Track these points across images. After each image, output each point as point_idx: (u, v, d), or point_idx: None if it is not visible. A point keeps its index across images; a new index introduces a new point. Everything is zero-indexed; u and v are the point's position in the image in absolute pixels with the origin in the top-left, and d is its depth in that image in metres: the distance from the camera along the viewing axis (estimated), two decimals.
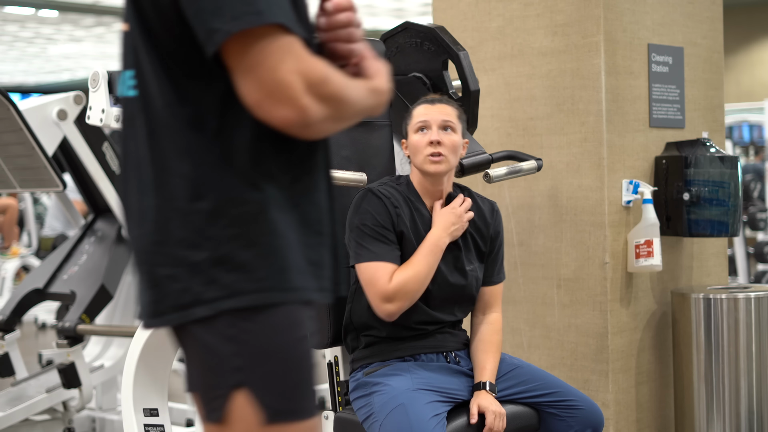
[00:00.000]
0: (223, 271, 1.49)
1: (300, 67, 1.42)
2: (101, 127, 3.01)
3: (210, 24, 1.42)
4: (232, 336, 1.50)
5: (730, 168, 3.32)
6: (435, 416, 2.41)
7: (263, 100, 1.43)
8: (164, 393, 2.82)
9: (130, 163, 1.56)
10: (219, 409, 1.51)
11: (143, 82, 1.53)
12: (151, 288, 1.52)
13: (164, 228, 1.50)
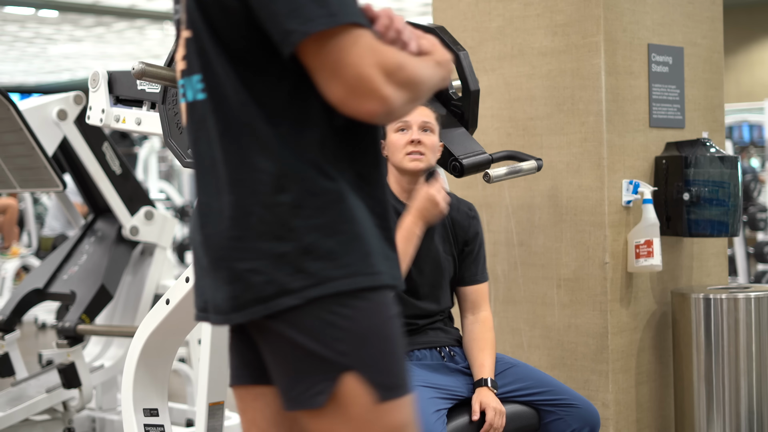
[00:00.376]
0: (310, 260, 1.54)
1: (377, 59, 1.48)
2: (101, 127, 3.01)
3: (286, 26, 1.48)
4: (332, 322, 1.55)
5: (730, 168, 3.32)
6: (436, 412, 2.41)
7: (348, 97, 1.49)
8: (164, 393, 2.82)
9: (204, 165, 1.62)
10: (324, 393, 1.55)
11: (214, 85, 1.59)
12: (231, 283, 1.56)
13: (244, 223, 1.55)
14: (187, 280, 2.59)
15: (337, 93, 1.50)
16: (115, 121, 2.92)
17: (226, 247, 1.57)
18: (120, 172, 4.31)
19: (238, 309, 1.56)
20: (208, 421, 3.07)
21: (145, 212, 4.34)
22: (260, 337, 1.61)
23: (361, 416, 1.57)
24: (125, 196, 4.31)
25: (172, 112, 2.58)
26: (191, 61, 1.62)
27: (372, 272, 1.58)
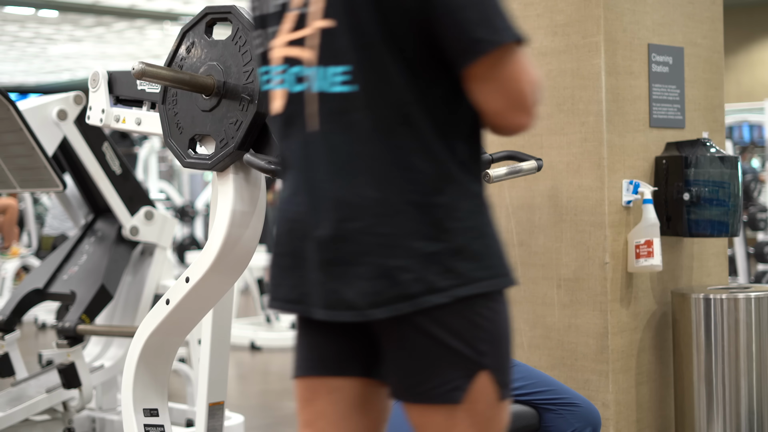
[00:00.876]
0: (459, 261, 1.59)
1: (531, 78, 1.59)
2: (101, 127, 3.01)
3: (475, 34, 1.54)
4: (476, 322, 1.62)
5: (730, 168, 3.32)
6: None
7: (507, 109, 1.59)
8: (164, 393, 2.82)
9: (337, 157, 1.62)
10: (461, 389, 1.62)
11: (371, 79, 1.60)
12: (374, 279, 1.59)
13: (393, 220, 1.59)
14: (187, 280, 2.59)
15: (497, 105, 1.59)
16: (115, 121, 2.91)
17: (371, 243, 1.59)
18: (120, 172, 4.31)
19: (380, 305, 1.59)
20: (208, 421, 3.07)
21: (145, 212, 4.34)
22: (390, 332, 1.64)
23: (485, 413, 1.65)
24: (125, 196, 4.31)
25: (172, 112, 2.57)
26: (328, 51, 1.61)
27: (507, 274, 1.66)
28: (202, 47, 2.52)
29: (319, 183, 1.64)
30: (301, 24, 1.65)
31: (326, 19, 1.61)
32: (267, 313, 7.79)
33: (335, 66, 1.61)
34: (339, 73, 1.61)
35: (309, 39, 1.64)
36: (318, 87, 1.63)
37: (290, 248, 1.71)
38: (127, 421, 2.77)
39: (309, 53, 1.64)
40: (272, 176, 2.38)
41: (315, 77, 1.63)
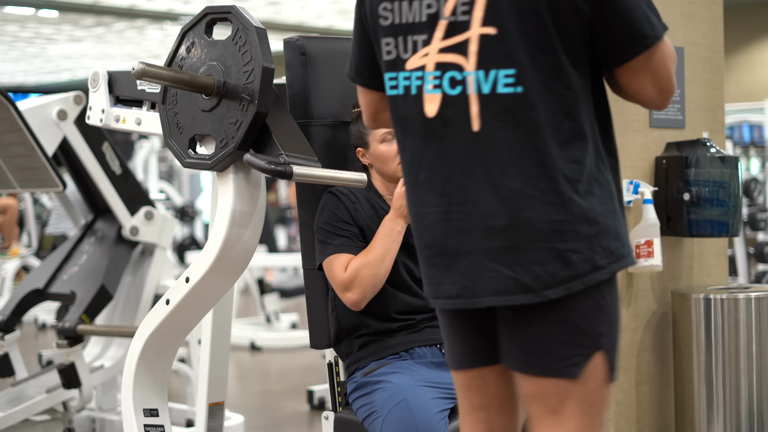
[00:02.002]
0: (611, 240, 1.78)
1: (674, 64, 1.87)
2: (101, 127, 3.01)
3: (641, 30, 1.76)
4: (600, 304, 1.79)
5: (730, 168, 3.32)
6: (439, 412, 2.41)
7: (660, 96, 1.83)
8: (164, 393, 2.82)
9: (507, 153, 1.76)
10: (579, 366, 1.78)
11: (537, 80, 1.74)
12: (547, 262, 1.74)
13: (563, 208, 1.75)
14: (187, 280, 2.59)
15: (652, 93, 1.82)
16: (115, 121, 2.91)
17: (545, 230, 1.74)
18: (120, 172, 4.31)
19: (554, 285, 1.74)
20: (208, 421, 3.08)
21: (145, 212, 4.34)
22: (518, 314, 1.79)
23: (595, 391, 1.81)
24: (125, 196, 4.31)
25: (172, 112, 2.57)
26: (490, 56, 1.75)
27: (630, 253, 1.84)
28: (202, 47, 2.52)
29: (488, 178, 1.77)
30: (454, 32, 1.78)
31: (487, 27, 1.76)
32: (267, 313, 7.79)
33: (499, 69, 1.75)
34: (504, 75, 1.75)
35: (468, 45, 1.77)
36: (480, 89, 1.77)
37: (448, 246, 1.82)
38: (127, 421, 2.77)
39: (468, 58, 1.77)
40: (272, 176, 2.38)
41: (475, 81, 1.77)
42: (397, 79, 1.86)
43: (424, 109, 1.82)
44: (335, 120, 2.77)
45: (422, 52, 1.82)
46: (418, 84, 1.83)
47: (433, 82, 1.80)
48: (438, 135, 1.81)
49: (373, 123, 2.07)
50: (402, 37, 1.85)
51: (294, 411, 5.42)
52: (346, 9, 15.38)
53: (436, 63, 1.80)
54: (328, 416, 2.71)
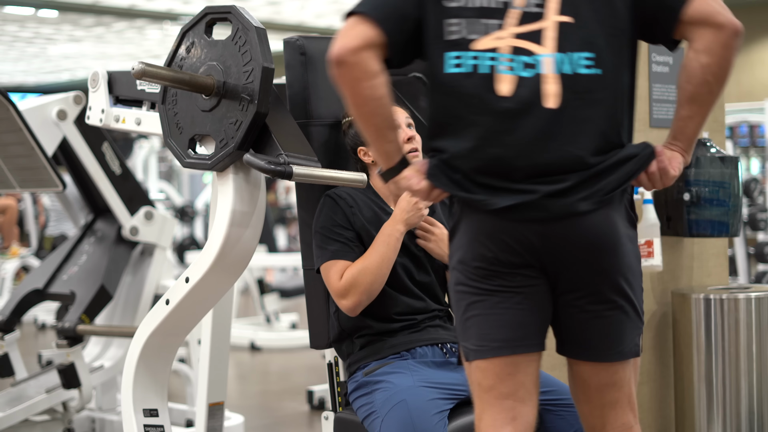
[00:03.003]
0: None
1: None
2: (101, 127, 3.01)
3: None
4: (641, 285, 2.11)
5: (730, 168, 3.32)
6: (437, 413, 2.41)
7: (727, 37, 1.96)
8: (164, 393, 2.82)
9: (586, 128, 1.95)
10: (639, 344, 2.08)
11: (611, 63, 1.97)
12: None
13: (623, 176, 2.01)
14: (187, 280, 2.59)
15: (726, 12, 1.97)
16: (115, 121, 2.91)
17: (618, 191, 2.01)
18: (120, 172, 4.31)
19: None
20: (208, 421, 3.08)
21: (145, 212, 4.34)
22: (598, 300, 2.00)
23: (637, 364, 2.12)
24: (125, 196, 4.31)
25: (172, 112, 2.57)
26: (569, 40, 1.95)
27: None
28: (202, 47, 2.52)
29: (569, 149, 1.93)
30: (527, 20, 1.97)
31: (562, 16, 1.96)
32: (267, 313, 7.79)
33: (579, 52, 1.95)
34: (583, 58, 1.95)
35: (544, 32, 1.96)
36: (560, 70, 1.95)
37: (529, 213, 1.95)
38: (126, 422, 2.77)
39: (545, 44, 1.96)
40: (272, 176, 2.38)
41: (555, 62, 1.95)
42: (461, 58, 1.96)
43: (497, 88, 1.95)
44: (335, 120, 2.77)
45: (495, 35, 1.96)
46: (491, 64, 1.95)
47: (508, 64, 1.95)
48: (511, 111, 1.94)
49: (353, 56, 1.95)
50: (471, 20, 1.97)
51: (294, 411, 5.42)
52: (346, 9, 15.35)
53: (512, 47, 1.95)
54: (328, 416, 2.71)
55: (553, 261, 1.99)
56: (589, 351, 2.07)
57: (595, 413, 2.14)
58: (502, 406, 2.04)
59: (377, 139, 2.04)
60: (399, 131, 2.12)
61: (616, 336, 2.04)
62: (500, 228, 1.97)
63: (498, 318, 2.02)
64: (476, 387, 2.07)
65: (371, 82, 1.96)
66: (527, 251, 1.98)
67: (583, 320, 2.03)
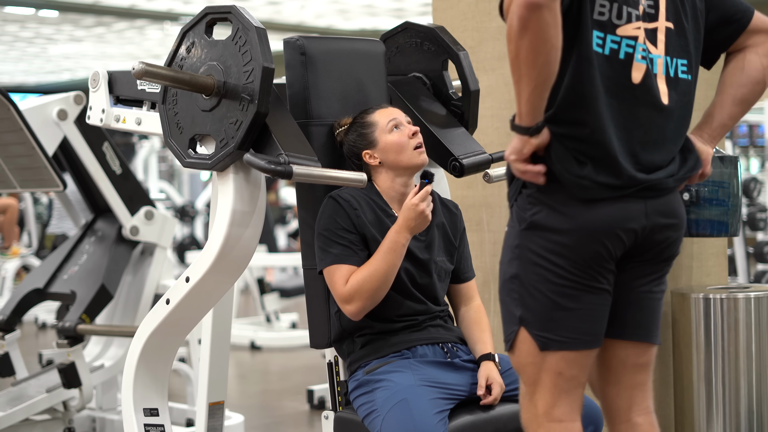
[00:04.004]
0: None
1: None
2: (101, 127, 3.01)
3: (745, 5, 2.23)
4: None
5: (729, 168, 3.32)
6: (438, 413, 2.42)
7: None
8: (164, 393, 2.82)
9: (679, 127, 2.16)
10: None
11: (695, 71, 2.19)
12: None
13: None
14: (187, 280, 2.59)
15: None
16: (115, 121, 2.92)
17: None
18: (120, 172, 4.31)
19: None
20: (208, 421, 3.08)
21: (145, 212, 4.35)
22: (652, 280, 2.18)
23: None
24: (125, 196, 4.31)
25: (172, 112, 2.58)
26: (672, 46, 2.14)
27: None
28: (202, 47, 2.52)
29: (668, 143, 2.14)
30: (647, 19, 2.10)
31: (668, 21, 2.13)
32: (267, 312, 7.80)
33: (679, 58, 2.15)
34: (681, 64, 2.16)
35: (657, 34, 2.12)
36: (668, 72, 2.13)
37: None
38: (127, 421, 2.78)
39: (657, 45, 2.12)
40: (272, 176, 2.39)
41: (664, 64, 2.12)
42: (604, 39, 2.05)
43: (632, 74, 2.07)
44: (335, 120, 2.77)
45: (636, 24, 2.07)
46: (628, 51, 2.06)
47: (642, 54, 2.08)
48: (637, 100, 2.08)
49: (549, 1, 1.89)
50: (618, 4, 2.06)
51: (294, 411, 5.42)
52: (346, 9, 15.38)
53: (644, 39, 2.09)
54: (328, 416, 2.72)
55: (643, 243, 2.10)
56: (639, 331, 2.19)
57: (624, 394, 2.22)
58: (577, 394, 2.13)
59: (539, 92, 1.98)
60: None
61: (659, 318, 2.22)
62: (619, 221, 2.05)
63: (591, 313, 2.09)
64: (554, 376, 2.09)
65: (558, 30, 1.92)
66: (631, 241, 2.08)
67: (645, 301, 2.18)
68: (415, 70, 3.05)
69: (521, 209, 2.09)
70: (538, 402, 2.11)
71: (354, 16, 16.00)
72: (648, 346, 2.21)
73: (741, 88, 2.24)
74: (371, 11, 15.55)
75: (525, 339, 2.10)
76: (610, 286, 2.10)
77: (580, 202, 2.04)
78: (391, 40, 3.07)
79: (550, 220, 2.05)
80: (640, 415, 2.22)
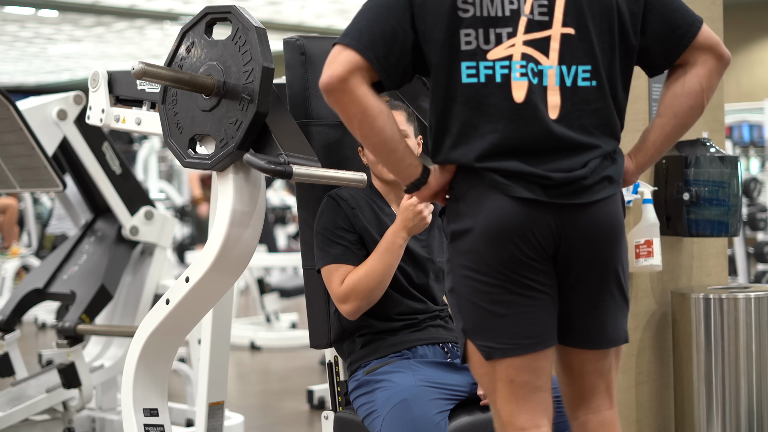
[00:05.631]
0: None
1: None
2: (101, 127, 3.01)
3: (692, 18, 2.11)
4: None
5: (730, 168, 3.32)
6: (438, 413, 2.42)
7: (723, 68, 2.12)
8: (164, 393, 2.82)
9: (578, 137, 2.03)
10: (626, 330, 2.18)
11: (604, 75, 2.05)
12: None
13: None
14: (187, 280, 2.59)
15: (715, 63, 2.11)
16: (115, 121, 2.91)
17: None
18: (120, 172, 4.31)
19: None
20: (208, 421, 3.08)
21: (145, 212, 4.34)
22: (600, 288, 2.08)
23: (620, 351, 2.21)
24: (125, 196, 4.31)
25: (172, 112, 2.57)
26: (570, 53, 2.03)
27: None
28: (202, 47, 2.52)
29: (564, 156, 2.01)
30: (533, 29, 2.02)
31: (566, 27, 2.03)
32: (267, 312, 7.79)
33: (580, 65, 2.03)
34: (583, 71, 2.03)
35: (550, 42, 2.02)
36: (563, 82, 2.02)
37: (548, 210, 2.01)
38: (127, 421, 2.78)
39: (549, 55, 2.02)
40: (272, 176, 2.39)
41: (557, 74, 2.02)
42: (477, 68, 2.01)
43: (513, 95, 2.01)
44: (335, 120, 2.77)
45: (508, 43, 2.02)
46: (504, 72, 2.01)
47: (520, 71, 2.00)
48: (525, 119, 2.01)
49: (339, 83, 1.99)
50: (484, 29, 2.02)
51: (294, 411, 5.42)
52: (346, 9, 15.37)
53: (522, 53, 2.01)
54: (327, 416, 2.72)
55: (568, 250, 2.03)
56: (594, 339, 2.12)
57: (575, 395, 2.19)
58: (537, 399, 2.07)
59: (386, 159, 2.08)
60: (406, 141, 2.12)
61: (618, 320, 2.13)
62: (524, 221, 2.00)
63: (526, 316, 2.04)
64: (507, 384, 2.06)
65: (362, 106, 1.98)
66: (547, 243, 2.02)
67: (586, 309, 2.09)
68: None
69: (447, 220, 2.10)
70: (500, 411, 2.09)
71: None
72: (595, 353, 2.14)
73: (676, 113, 2.12)
74: None
75: (473, 350, 2.09)
76: (536, 286, 2.04)
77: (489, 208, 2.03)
78: None
79: (457, 233, 2.05)
80: (590, 413, 2.19)
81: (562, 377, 2.21)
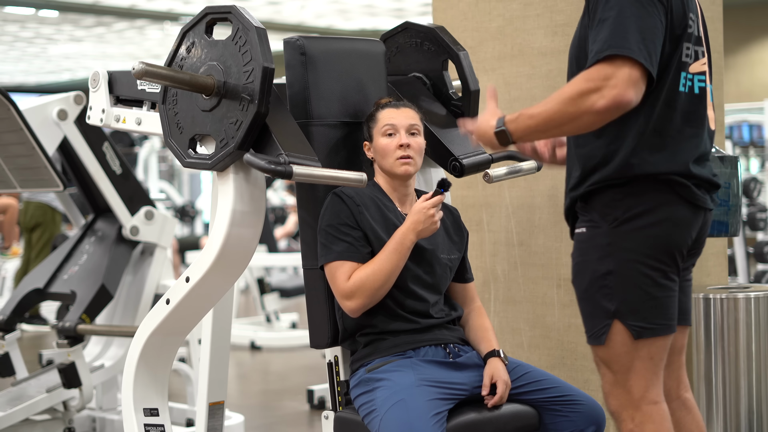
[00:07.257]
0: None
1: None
2: (101, 127, 3.01)
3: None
4: None
5: (729, 168, 3.32)
6: (435, 414, 2.41)
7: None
8: (164, 393, 2.82)
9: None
10: None
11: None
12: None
13: None
14: (187, 280, 2.60)
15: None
16: (115, 121, 2.92)
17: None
18: (120, 172, 4.31)
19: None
20: (208, 421, 3.08)
21: (146, 212, 4.35)
22: (689, 279, 2.48)
23: None
24: (125, 196, 4.31)
25: (173, 112, 2.58)
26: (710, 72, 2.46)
27: None
28: (202, 47, 2.52)
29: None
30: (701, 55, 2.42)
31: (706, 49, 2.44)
32: (267, 312, 7.80)
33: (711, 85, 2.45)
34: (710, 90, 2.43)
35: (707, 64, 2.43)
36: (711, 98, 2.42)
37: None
38: (127, 421, 2.78)
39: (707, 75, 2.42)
40: (272, 176, 2.39)
41: (710, 92, 2.42)
42: (686, 78, 2.34)
43: (707, 106, 2.39)
44: (335, 120, 2.77)
45: (702, 61, 2.40)
46: (701, 86, 2.38)
47: (709, 86, 2.41)
48: (707, 129, 2.40)
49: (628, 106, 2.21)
50: (693, 45, 2.37)
51: (294, 411, 5.42)
52: (346, 9, 15.38)
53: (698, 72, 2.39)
54: (328, 416, 2.72)
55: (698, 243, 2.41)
56: (685, 315, 2.47)
57: (673, 375, 2.49)
58: (661, 377, 2.35)
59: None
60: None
61: (690, 301, 2.50)
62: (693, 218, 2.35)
63: (672, 300, 2.34)
64: (646, 361, 2.30)
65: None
66: (695, 236, 2.37)
67: (687, 288, 2.46)
68: (415, 70, 3.05)
69: (607, 207, 2.32)
70: (632, 388, 2.30)
71: (354, 16, 16.00)
72: (686, 329, 2.52)
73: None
74: (371, 11, 15.55)
75: (619, 330, 2.30)
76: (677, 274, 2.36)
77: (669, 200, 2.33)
78: (391, 40, 3.07)
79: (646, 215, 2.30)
80: (687, 391, 2.52)
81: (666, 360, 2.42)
